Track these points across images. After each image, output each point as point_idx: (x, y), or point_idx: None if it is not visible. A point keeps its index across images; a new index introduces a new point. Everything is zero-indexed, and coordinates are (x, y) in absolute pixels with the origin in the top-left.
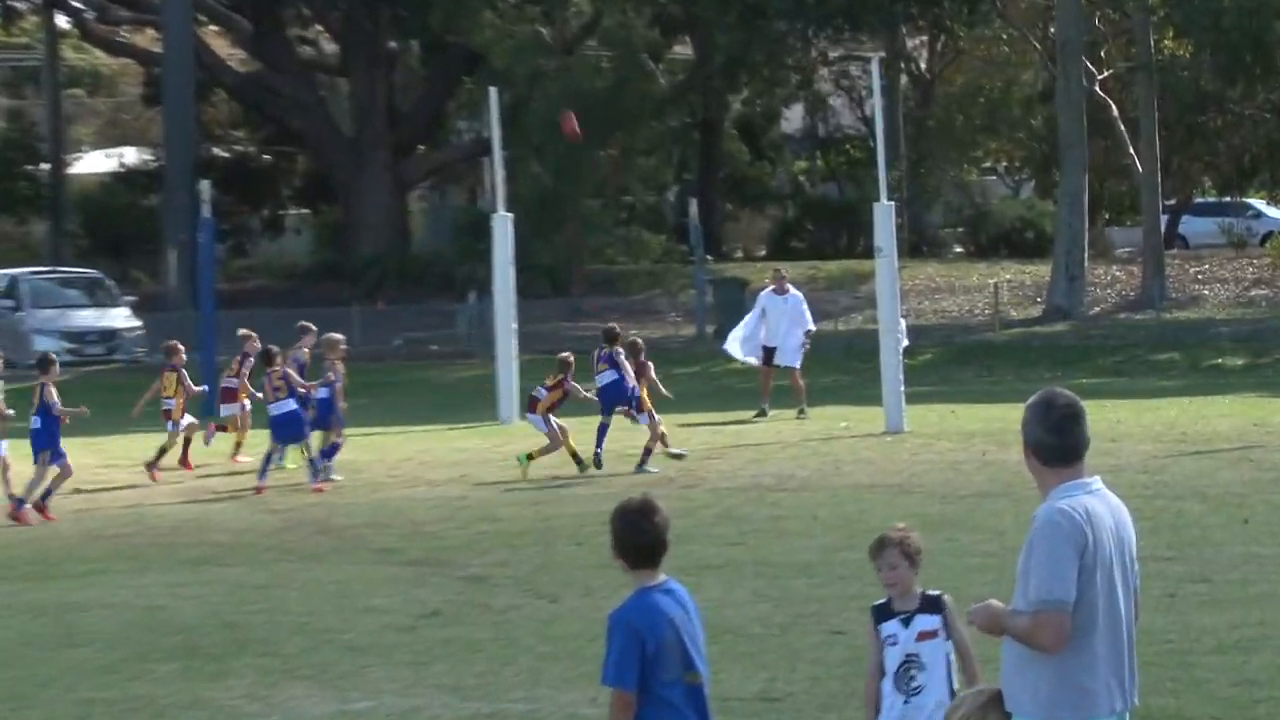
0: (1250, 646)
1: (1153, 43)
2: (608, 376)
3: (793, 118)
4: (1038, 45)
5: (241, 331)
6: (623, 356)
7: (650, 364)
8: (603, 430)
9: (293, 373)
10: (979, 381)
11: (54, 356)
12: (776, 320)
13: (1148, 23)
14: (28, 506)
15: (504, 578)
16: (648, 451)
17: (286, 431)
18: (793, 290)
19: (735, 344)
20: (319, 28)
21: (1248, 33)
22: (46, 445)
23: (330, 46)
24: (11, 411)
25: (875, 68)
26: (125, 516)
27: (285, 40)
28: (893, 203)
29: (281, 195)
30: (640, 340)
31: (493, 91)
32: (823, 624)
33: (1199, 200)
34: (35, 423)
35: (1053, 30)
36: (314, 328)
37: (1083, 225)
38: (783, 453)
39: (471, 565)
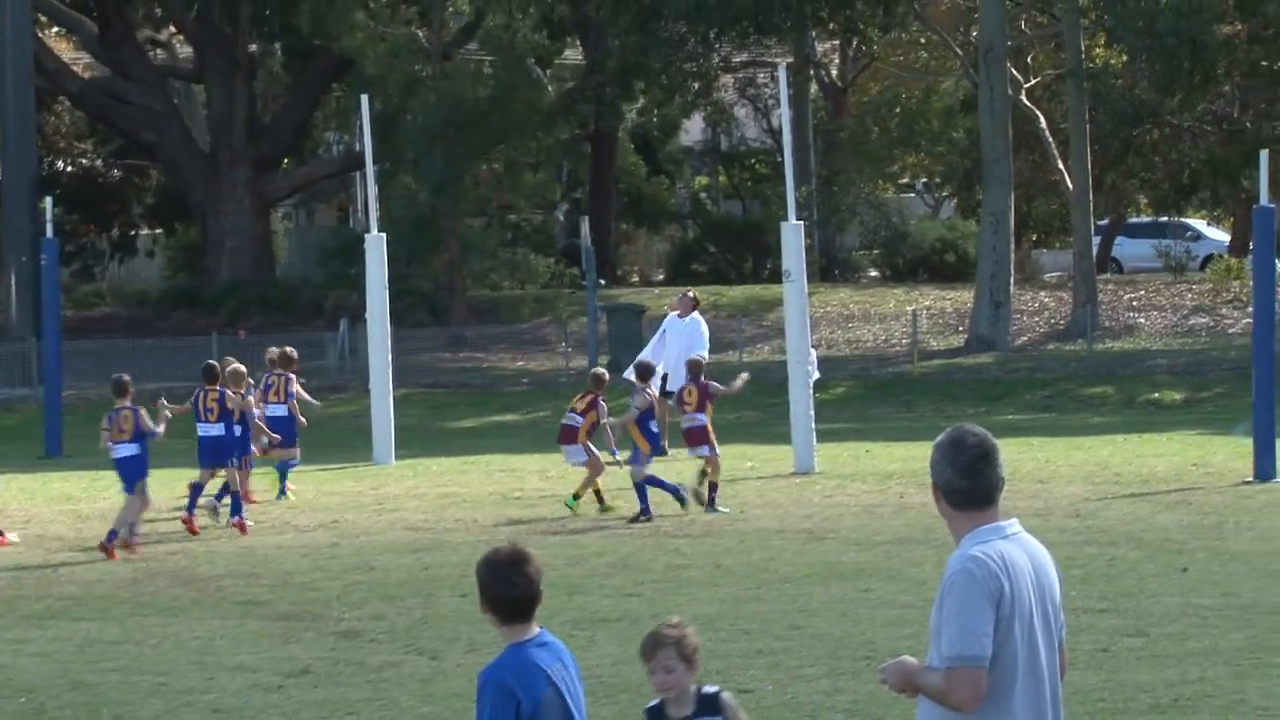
0: (1189, 706)
1: (1083, 48)
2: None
3: (693, 129)
4: (958, 51)
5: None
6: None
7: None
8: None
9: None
10: (896, 418)
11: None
12: (673, 345)
13: (1078, 26)
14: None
15: (380, 632)
16: (713, 487)
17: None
18: (696, 314)
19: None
20: (172, 30)
21: (1185, 38)
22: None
23: (185, 50)
24: None
25: (782, 75)
26: None
27: (135, 43)
28: (802, 222)
29: (132, 214)
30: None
31: (364, 100)
32: (728, 681)
33: (1134, 220)
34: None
35: (974, 34)
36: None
37: (1008, 247)
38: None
39: (345, 619)
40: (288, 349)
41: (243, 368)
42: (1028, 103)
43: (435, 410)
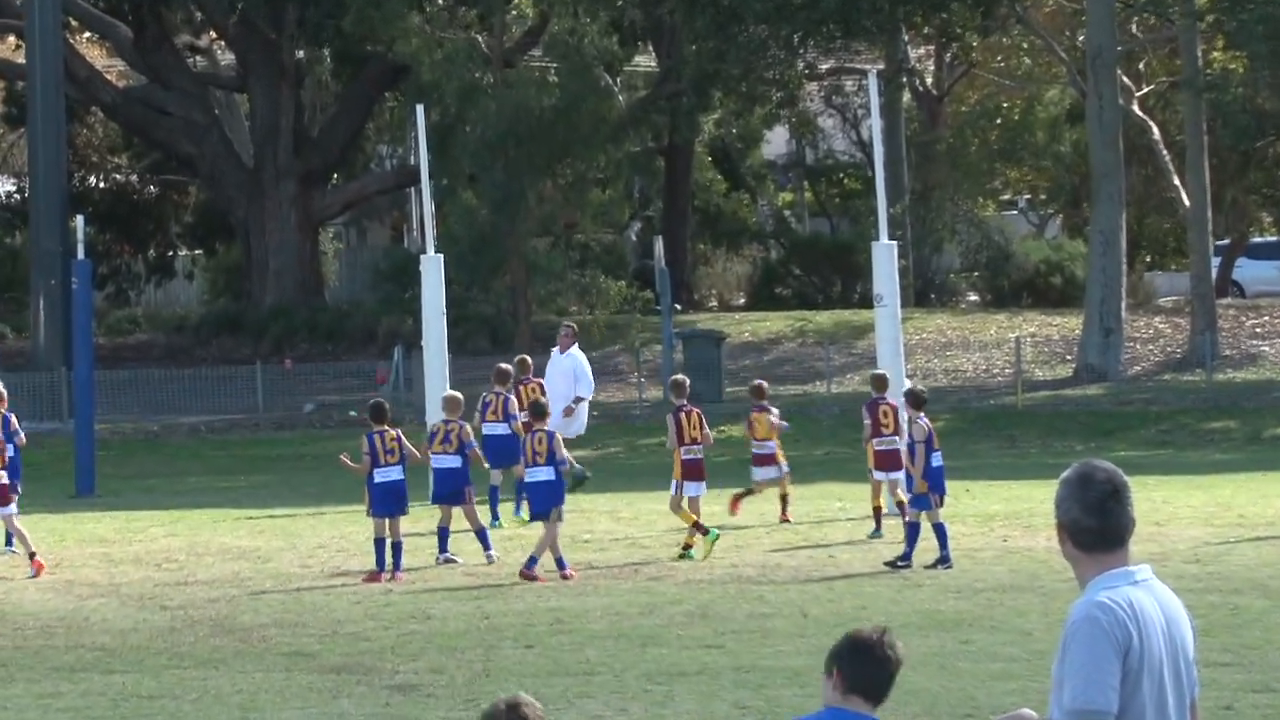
0: None
1: (1200, 54)
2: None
3: (775, 142)
4: (1064, 56)
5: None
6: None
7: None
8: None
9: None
10: (999, 454)
11: None
12: (553, 383)
13: (1194, 30)
14: None
15: (439, 687)
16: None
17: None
18: (575, 349)
19: None
20: (213, 35)
21: None
22: None
23: (226, 57)
24: None
25: (873, 82)
26: None
27: (173, 49)
28: (895, 242)
29: (170, 233)
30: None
31: (419, 110)
32: None
33: (1257, 240)
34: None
35: (1081, 39)
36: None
37: (1119, 269)
38: (767, 538)
39: (400, 672)
40: (502, 366)
41: (459, 395)
42: (1140, 113)
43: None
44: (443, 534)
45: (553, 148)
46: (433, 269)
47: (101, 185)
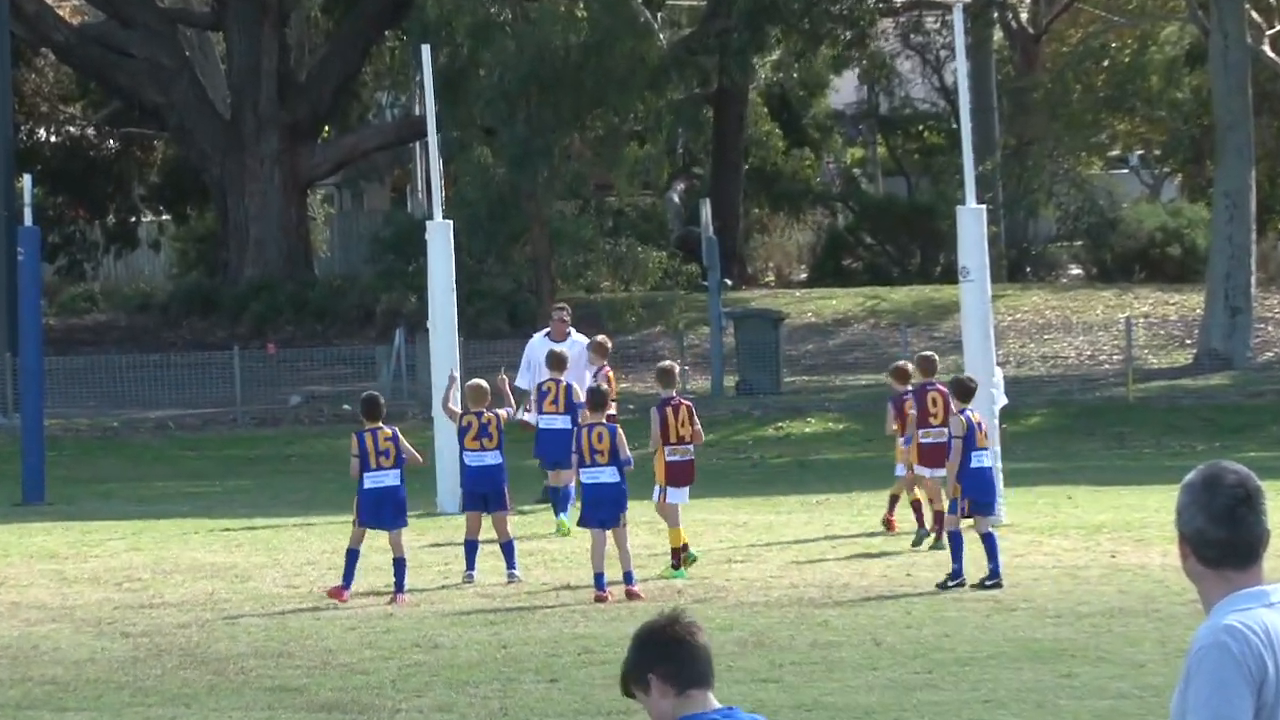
0: None
1: None
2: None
3: (844, 88)
4: None
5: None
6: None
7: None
8: None
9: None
10: (1106, 455)
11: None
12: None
13: None
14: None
15: None
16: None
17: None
18: (576, 334)
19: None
20: None
21: None
22: None
23: None
24: None
25: (958, 18)
26: None
27: None
28: (984, 206)
29: (132, 195)
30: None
31: (424, 51)
32: None
33: None
34: None
35: None
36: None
37: (1248, 238)
38: (833, 553)
39: (403, 710)
40: (556, 351)
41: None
42: (1272, 54)
43: (519, 443)
44: (471, 548)
45: (581, 95)
46: (440, 237)
47: (52, 139)
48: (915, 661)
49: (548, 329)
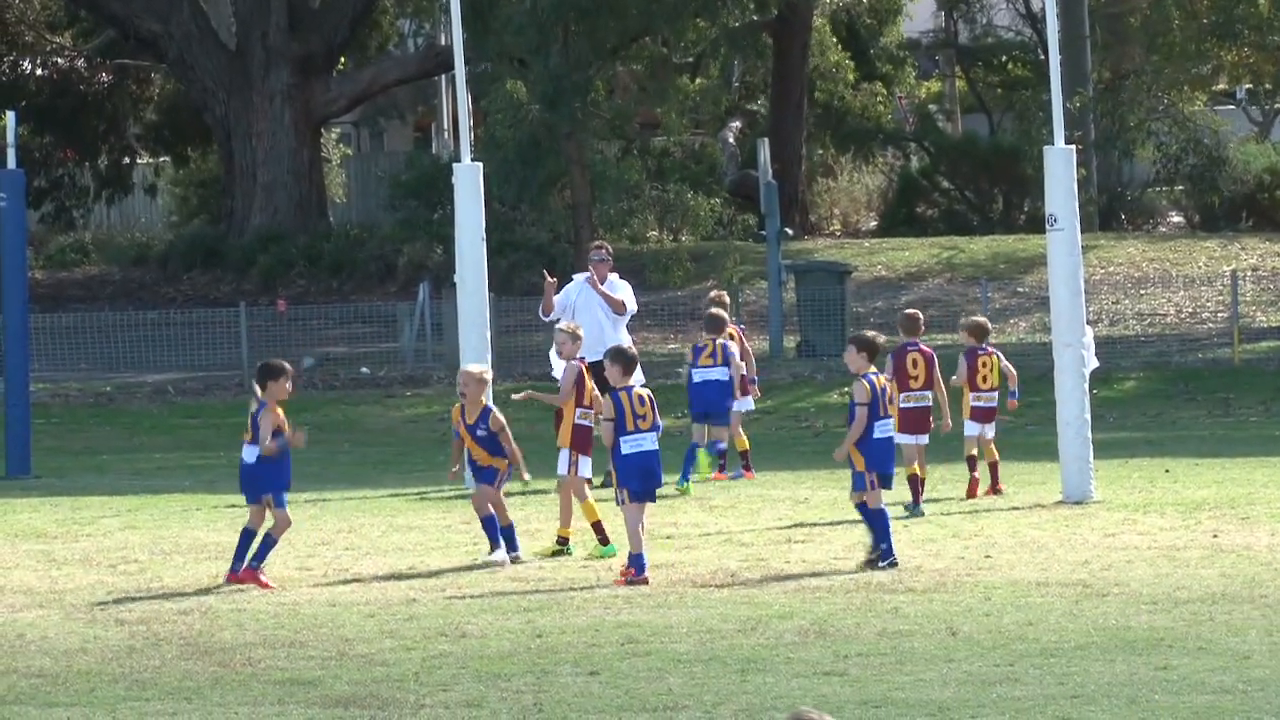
0: None
1: None
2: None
3: (919, 15)
4: None
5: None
6: None
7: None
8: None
9: None
10: (1209, 423)
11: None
12: (590, 323)
13: None
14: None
15: None
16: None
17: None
18: (616, 278)
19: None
20: None
21: None
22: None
23: None
24: None
25: None
26: None
27: None
28: (1073, 147)
29: (126, 135)
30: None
31: None
32: None
33: None
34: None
35: None
36: None
37: None
38: (904, 534)
39: (427, 705)
40: (715, 312)
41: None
42: None
43: (550, 411)
44: (488, 524)
45: (624, 22)
46: (469, 181)
47: (38, 73)
48: (995, 653)
49: (588, 273)
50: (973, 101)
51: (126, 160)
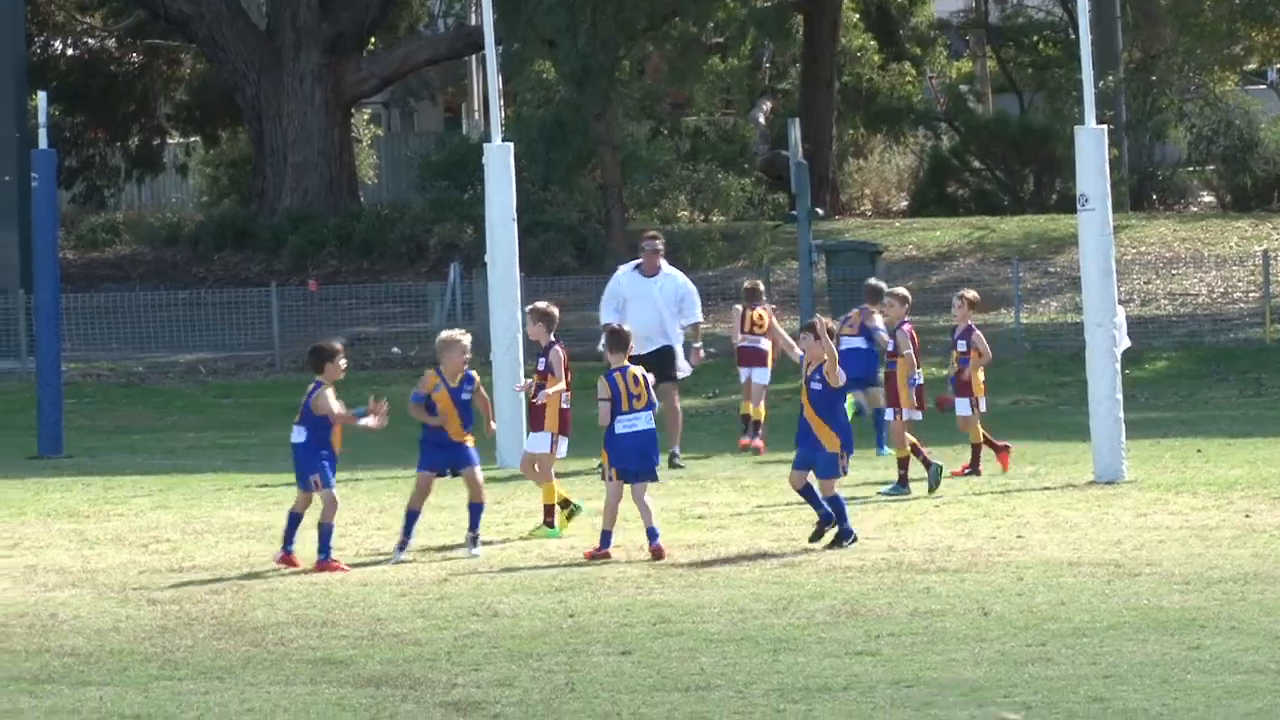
0: None
1: None
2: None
3: None
4: None
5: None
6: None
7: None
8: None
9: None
10: (1240, 403)
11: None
12: (646, 314)
13: None
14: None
15: (509, 704)
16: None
17: None
18: (668, 268)
19: None
20: None
21: None
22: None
23: None
24: None
25: None
26: None
27: None
28: (1105, 127)
29: (157, 115)
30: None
31: None
32: None
33: None
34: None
35: None
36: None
37: None
38: (937, 513)
39: (459, 685)
40: (872, 282)
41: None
42: None
43: (580, 392)
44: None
45: (654, 2)
46: (500, 162)
47: (69, 53)
48: (1027, 633)
49: (637, 261)
50: (1003, 81)
51: (157, 140)
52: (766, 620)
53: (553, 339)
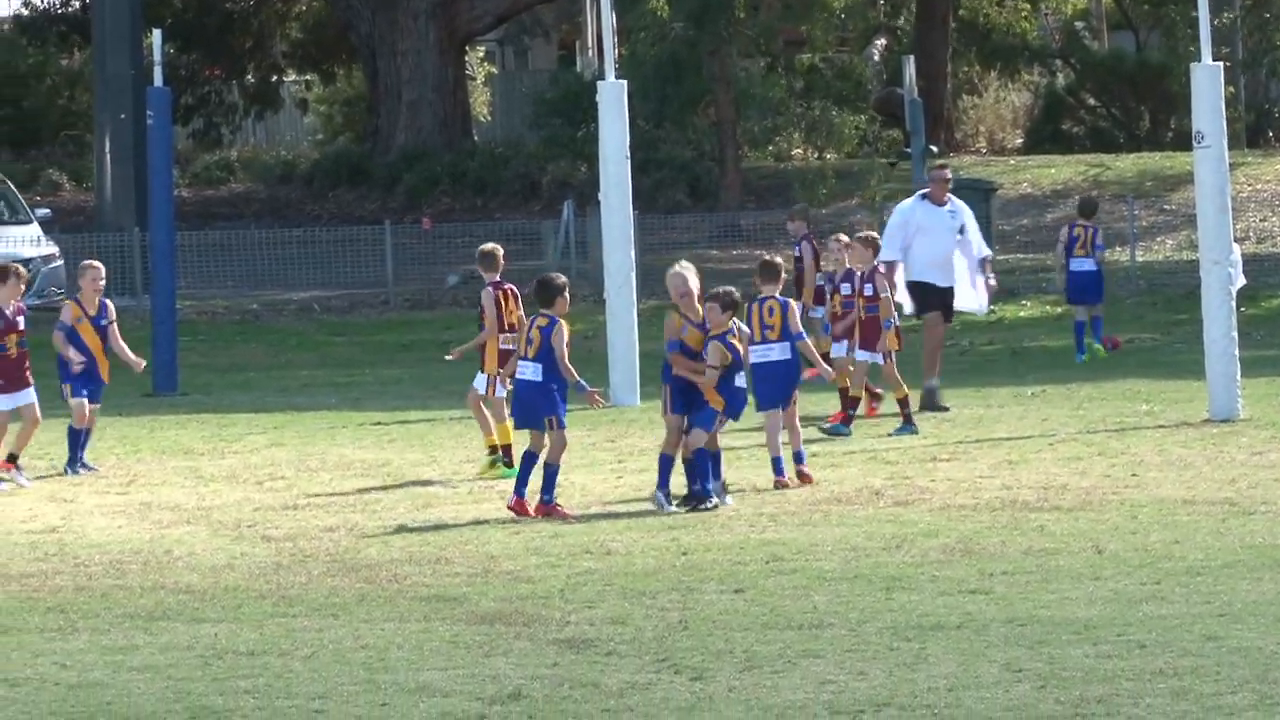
0: None
1: None
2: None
3: None
4: None
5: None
6: None
7: None
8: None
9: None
10: None
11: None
12: (941, 244)
13: None
14: None
15: (621, 642)
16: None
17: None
18: (954, 200)
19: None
20: None
21: None
22: None
23: None
24: None
25: None
26: (41, 545)
27: None
28: (1221, 64)
29: (273, 53)
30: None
31: None
32: (1114, 714)
33: None
34: None
35: None
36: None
37: None
38: (1051, 452)
39: (572, 622)
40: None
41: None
42: None
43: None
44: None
45: None
46: (613, 99)
47: None
48: (1141, 571)
49: (925, 191)
50: (1119, 18)
51: (273, 78)
52: (880, 558)
53: (497, 278)
